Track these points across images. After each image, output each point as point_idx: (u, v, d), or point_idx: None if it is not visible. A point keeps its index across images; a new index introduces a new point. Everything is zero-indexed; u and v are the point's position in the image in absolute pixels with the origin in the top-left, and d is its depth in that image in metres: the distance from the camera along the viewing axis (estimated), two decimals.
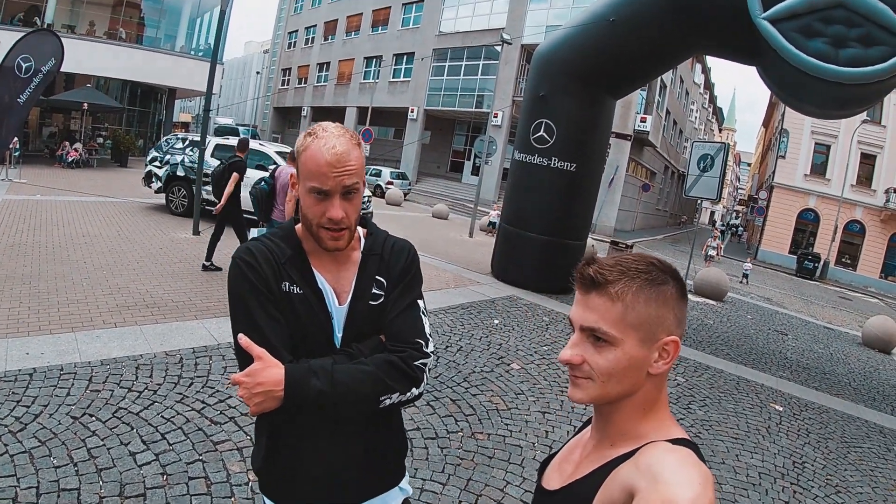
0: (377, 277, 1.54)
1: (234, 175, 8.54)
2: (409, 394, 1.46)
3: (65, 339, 5.02)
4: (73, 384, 4.18)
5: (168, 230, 10.96)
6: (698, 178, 13.66)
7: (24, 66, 8.12)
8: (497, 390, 5.47)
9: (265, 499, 1.58)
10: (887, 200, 30.25)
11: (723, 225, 66.99)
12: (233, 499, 3.15)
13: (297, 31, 52.53)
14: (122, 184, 17.92)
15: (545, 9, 30.35)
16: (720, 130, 78.39)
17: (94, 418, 3.75)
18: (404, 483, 1.70)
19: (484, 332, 7.34)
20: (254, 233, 7.88)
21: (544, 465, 1.25)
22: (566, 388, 5.87)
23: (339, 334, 1.49)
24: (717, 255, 16.59)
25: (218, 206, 8.58)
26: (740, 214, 77.41)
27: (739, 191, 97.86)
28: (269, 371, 1.30)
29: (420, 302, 1.59)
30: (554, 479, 1.15)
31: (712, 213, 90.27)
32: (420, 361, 1.47)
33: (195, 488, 3.19)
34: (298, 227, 1.54)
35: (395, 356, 1.44)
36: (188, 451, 3.55)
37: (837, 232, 30.72)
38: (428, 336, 1.54)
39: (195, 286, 7.36)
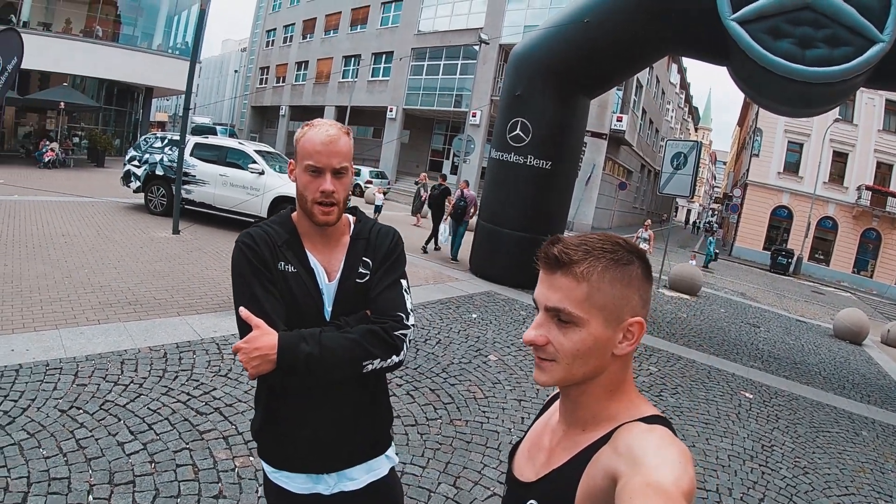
0: (364, 258, 1.70)
1: (448, 197, 14.17)
2: (389, 360, 1.59)
3: (49, 336, 5.06)
4: (59, 379, 4.24)
5: (147, 229, 10.94)
6: (672, 176, 13.91)
7: None
8: (475, 380, 5.62)
9: (263, 462, 1.73)
10: (859, 197, 30.89)
11: (706, 224, 67.68)
12: (220, 484, 3.25)
13: (275, 29, 52.16)
14: (99, 183, 17.79)
15: (523, 9, 30.47)
16: (696, 129, 79.13)
17: (81, 411, 3.82)
18: (391, 452, 1.85)
19: (462, 325, 7.47)
20: (443, 228, 13.57)
21: (513, 452, 1.26)
22: None
23: (328, 308, 1.65)
24: (650, 248, 16.48)
25: (445, 215, 13.69)
26: (716, 212, 78.20)
27: (715, 189, 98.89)
28: (265, 337, 1.46)
29: (403, 281, 1.72)
30: (527, 469, 1.14)
31: (689, 210, 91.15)
32: (400, 332, 1.61)
33: (183, 475, 3.28)
34: (294, 214, 1.71)
35: (377, 326, 1.58)
36: (175, 440, 3.63)
37: (810, 228, 31.29)
38: (409, 310, 1.68)
39: (177, 284, 7.40)
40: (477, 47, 22.83)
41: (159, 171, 12.83)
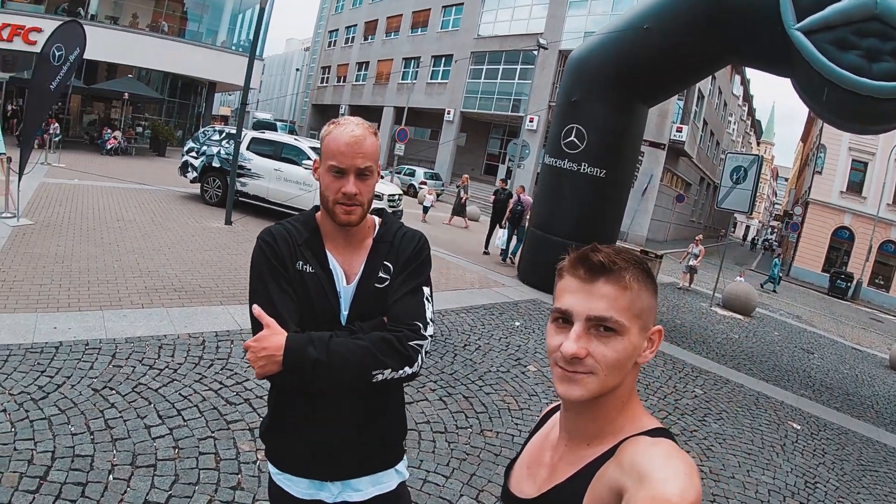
0: (385, 262, 1.64)
1: (510, 202, 13.84)
2: (401, 371, 1.52)
3: (92, 317, 5.20)
4: (96, 358, 4.34)
5: (201, 219, 11.18)
6: (731, 190, 13.53)
7: (57, 54, 8.56)
8: (511, 390, 5.49)
9: (269, 463, 1.69)
10: None
11: (765, 242, 66.04)
12: (240, 476, 3.25)
13: (337, 30, 52.92)
14: (158, 172, 18.30)
15: (584, 15, 30.14)
16: (758, 143, 76.80)
17: (114, 392, 3.89)
18: (401, 466, 1.77)
19: (504, 333, 7.36)
20: (500, 233, 13.87)
21: (509, 469, 1.25)
22: None
23: (344, 312, 1.60)
24: (698, 263, 15.84)
25: (503, 219, 13.84)
26: (775, 230, 76.04)
27: (776, 206, 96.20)
28: (274, 338, 1.43)
29: (425, 288, 1.65)
30: (527, 486, 1.13)
31: (747, 227, 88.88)
32: (415, 342, 1.54)
33: (204, 463, 3.30)
34: (318, 213, 1.68)
35: (391, 335, 1.52)
36: (201, 427, 3.66)
37: (872, 252, 29.93)
38: (428, 320, 1.60)
39: (223, 273, 7.51)
40: (536, 52, 22.67)
41: (216, 164, 13.11)
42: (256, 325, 1.48)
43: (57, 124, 19.40)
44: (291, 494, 1.64)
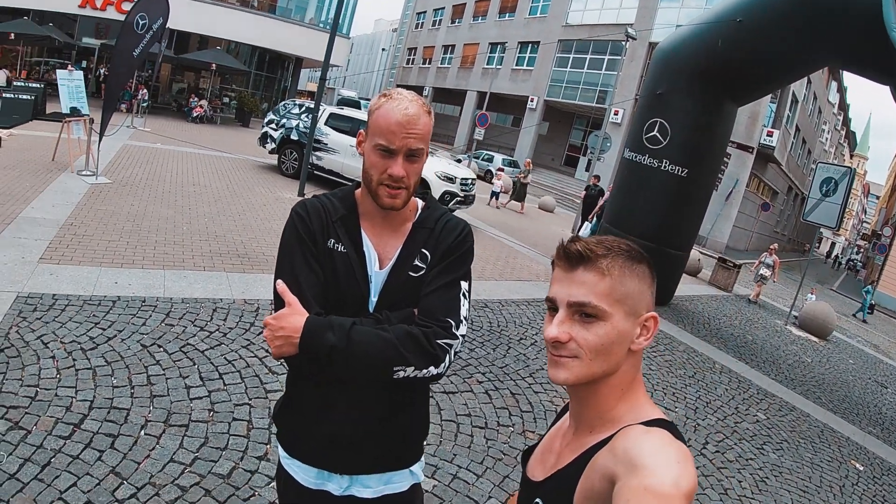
0: (423, 250, 1.53)
1: (601, 199, 14.09)
2: (425, 371, 1.41)
3: (154, 275, 5.33)
4: (150, 316, 4.44)
5: (275, 189, 11.38)
6: (819, 203, 12.82)
7: (140, 23, 8.93)
8: (562, 392, 5.21)
9: (279, 447, 1.62)
10: None
11: (850, 262, 62.61)
12: (268, 446, 3.22)
13: (425, 12, 53.17)
14: (240, 142, 18.81)
15: (676, 7, 29.09)
16: (851, 156, 72.49)
17: (161, 349, 3.96)
18: (416, 467, 1.67)
19: None
20: (586, 226, 13.92)
21: (527, 455, 1.26)
22: None
23: (373, 298, 1.50)
24: (775, 276, 14.94)
25: (591, 215, 14.05)
26: (861, 250, 72.15)
27: (864, 224, 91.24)
28: (294, 318, 1.35)
29: (463, 283, 1.53)
30: (538, 471, 1.15)
31: (833, 244, 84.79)
32: (444, 341, 1.43)
33: (236, 429, 3.29)
34: (358, 191, 1.57)
35: (419, 330, 1.41)
36: (240, 393, 3.67)
37: None
38: (462, 318, 1.49)
39: None
40: (624, 43, 22.04)
41: (294, 136, 13.38)
42: (279, 302, 1.40)
43: (146, 90, 20.24)
44: (298, 482, 1.57)
